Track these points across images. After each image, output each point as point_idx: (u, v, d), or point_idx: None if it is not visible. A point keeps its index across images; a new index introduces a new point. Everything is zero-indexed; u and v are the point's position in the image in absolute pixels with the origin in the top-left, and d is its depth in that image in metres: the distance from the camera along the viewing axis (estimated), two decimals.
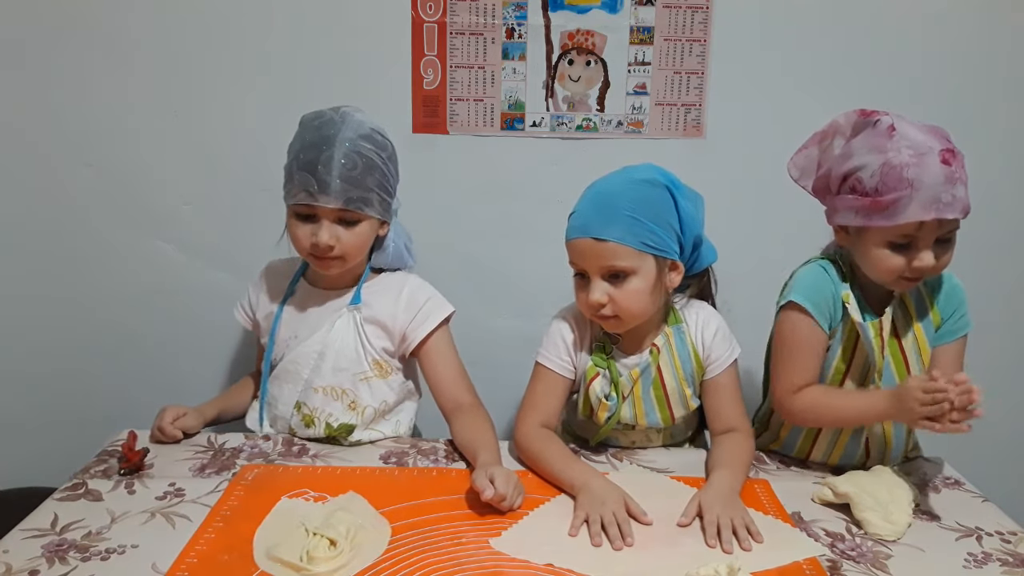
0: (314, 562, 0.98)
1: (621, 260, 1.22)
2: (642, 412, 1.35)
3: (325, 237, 1.30)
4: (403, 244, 1.48)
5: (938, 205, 1.14)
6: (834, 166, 1.26)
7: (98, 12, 1.73)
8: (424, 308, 1.42)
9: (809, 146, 1.33)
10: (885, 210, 1.17)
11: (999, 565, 1.06)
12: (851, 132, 1.25)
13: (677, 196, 1.24)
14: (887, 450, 1.35)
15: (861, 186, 1.19)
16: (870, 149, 1.18)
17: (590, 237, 1.22)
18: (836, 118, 1.28)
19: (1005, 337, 1.96)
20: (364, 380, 1.40)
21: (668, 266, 1.27)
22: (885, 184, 1.16)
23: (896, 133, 1.17)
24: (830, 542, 1.10)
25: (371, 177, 1.31)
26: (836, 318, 1.30)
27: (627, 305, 1.24)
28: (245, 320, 1.51)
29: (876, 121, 1.20)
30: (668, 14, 1.77)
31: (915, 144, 1.15)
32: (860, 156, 1.20)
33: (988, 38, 1.78)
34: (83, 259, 1.86)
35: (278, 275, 1.48)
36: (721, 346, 1.34)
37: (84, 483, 1.20)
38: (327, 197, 1.27)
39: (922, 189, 1.13)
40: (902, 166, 1.14)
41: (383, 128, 1.36)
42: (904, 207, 1.15)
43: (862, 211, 1.20)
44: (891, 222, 1.17)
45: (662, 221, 1.23)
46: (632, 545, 1.07)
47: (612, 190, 1.25)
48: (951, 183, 1.14)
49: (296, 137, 1.34)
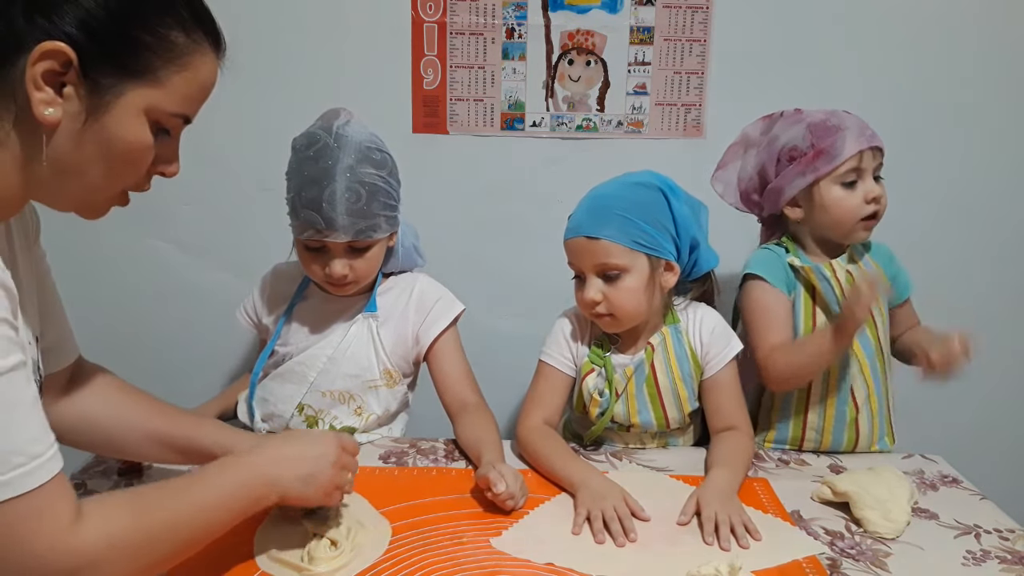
0: (315, 562, 0.98)
1: (613, 258, 1.25)
2: (635, 410, 1.35)
3: (339, 269, 1.29)
4: (411, 244, 1.48)
5: (868, 135, 1.34)
6: (764, 158, 1.43)
7: None
8: (434, 309, 1.42)
9: (728, 163, 1.52)
10: (826, 154, 1.34)
11: (997, 563, 1.06)
12: (761, 130, 1.45)
13: (671, 198, 1.28)
14: (873, 427, 1.41)
15: (798, 151, 1.37)
16: (789, 126, 1.39)
17: (583, 236, 1.26)
18: (744, 129, 1.49)
19: (1005, 337, 1.97)
20: (373, 388, 1.40)
21: (663, 266, 1.29)
22: (817, 137, 1.35)
23: (802, 111, 1.40)
24: (829, 540, 1.10)
25: (376, 203, 1.28)
26: (791, 281, 1.41)
27: (621, 303, 1.26)
28: (247, 324, 1.50)
29: (780, 113, 1.42)
30: (668, 14, 1.77)
31: (821, 110, 1.38)
32: (784, 135, 1.39)
33: (988, 38, 1.79)
34: (83, 259, 1.86)
35: (285, 279, 1.48)
36: (719, 344, 1.35)
37: (83, 484, 1.20)
38: (336, 233, 1.25)
39: (849, 127, 1.33)
40: (824, 119, 1.36)
41: (377, 137, 1.33)
42: (842, 145, 1.33)
43: (807, 167, 1.35)
44: (835, 162, 1.33)
45: (654, 221, 1.26)
46: (635, 541, 1.07)
47: (607, 192, 1.31)
48: (865, 124, 1.35)
49: (293, 169, 1.30)
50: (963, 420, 1.97)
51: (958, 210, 1.87)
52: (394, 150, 1.38)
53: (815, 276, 1.38)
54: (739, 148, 1.49)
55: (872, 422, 1.41)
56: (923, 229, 1.81)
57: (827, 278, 1.38)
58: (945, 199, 1.86)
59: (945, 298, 1.78)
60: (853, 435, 1.41)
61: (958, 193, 1.86)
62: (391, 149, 1.37)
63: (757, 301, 1.41)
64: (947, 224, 1.86)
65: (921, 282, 1.52)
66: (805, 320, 1.41)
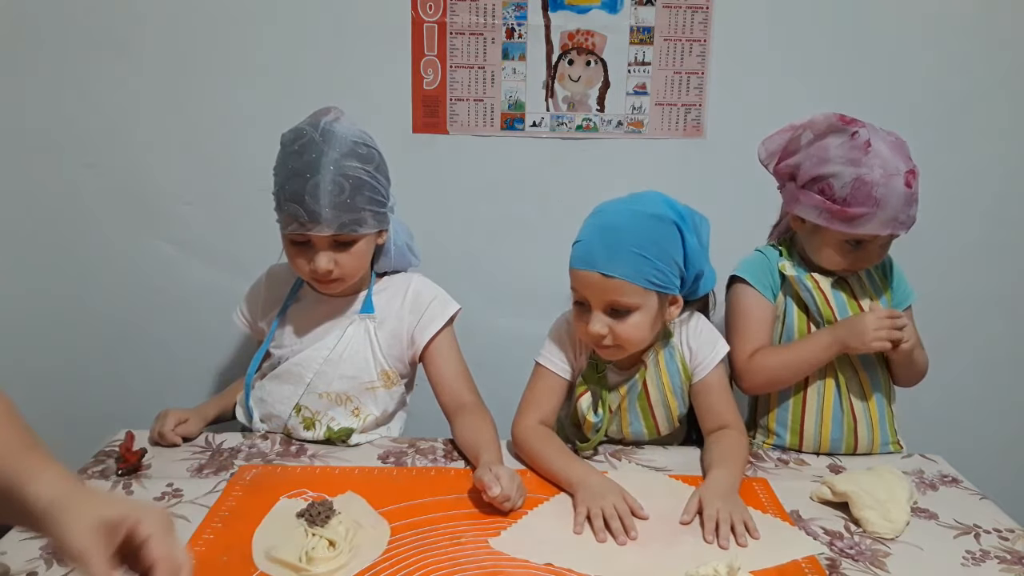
0: (313, 563, 0.98)
1: (626, 297, 1.22)
2: (626, 423, 1.37)
3: (323, 263, 1.29)
4: (404, 244, 1.47)
5: (895, 223, 1.29)
6: (805, 163, 1.34)
7: (99, 13, 1.73)
8: (429, 310, 1.42)
9: (783, 133, 1.43)
10: (848, 220, 1.29)
11: (997, 563, 1.06)
12: (825, 131, 1.33)
13: (685, 232, 1.24)
14: (874, 438, 1.40)
15: (831, 191, 1.30)
16: (846, 161, 1.28)
17: (597, 272, 1.21)
18: (815, 116, 1.36)
19: (1004, 336, 1.97)
20: (370, 389, 1.40)
21: (669, 300, 1.28)
22: (855, 197, 1.27)
23: (872, 150, 1.27)
24: (829, 540, 1.10)
25: (361, 197, 1.27)
26: (776, 286, 1.41)
27: (627, 337, 1.25)
28: (244, 325, 1.50)
29: (854, 132, 1.29)
30: (668, 14, 1.77)
31: (886, 164, 1.26)
32: (835, 164, 1.29)
33: (988, 38, 1.78)
34: (83, 259, 1.87)
35: (280, 281, 1.48)
36: (706, 348, 1.35)
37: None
38: (319, 226, 1.25)
39: (886, 209, 1.26)
40: (873, 184, 1.26)
41: (367, 134, 1.33)
42: (866, 221, 1.28)
43: (826, 214, 1.31)
44: (851, 231, 1.30)
45: (668, 259, 1.23)
46: (636, 538, 1.07)
47: (620, 224, 1.23)
48: (909, 204, 1.28)
49: (279, 162, 1.30)
50: (963, 420, 1.97)
51: (958, 210, 1.87)
52: (394, 150, 1.39)
53: (798, 285, 1.39)
54: (799, 129, 1.38)
55: (872, 433, 1.40)
56: (922, 228, 1.81)
57: (809, 288, 1.38)
58: (945, 199, 1.85)
59: (944, 298, 1.79)
60: (852, 444, 1.40)
61: (958, 193, 1.85)
62: (391, 149, 1.37)
63: (738, 304, 1.42)
64: (947, 224, 1.85)
65: (921, 282, 1.51)
66: (799, 323, 1.41)
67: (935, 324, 1.53)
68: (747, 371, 1.38)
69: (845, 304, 1.39)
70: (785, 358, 1.38)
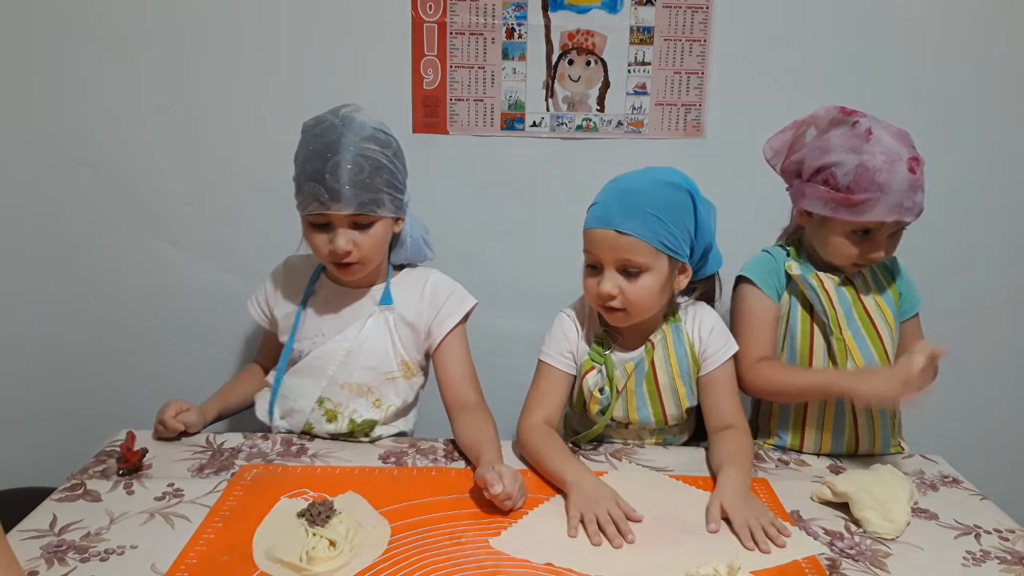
0: (314, 562, 0.98)
1: (638, 255, 1.24)
2: (633, 407, 1.36)
3: (342, 243, 1.30)
4: (420, 237, 1.49)
5: (900, 209, 1.28)
6: (809, 156, 1.35)
7: (99, 12, 1.73)
8: (446, 304, 1.44)
9: (786, 131, 1.43)
10: (853, 207, 1.29)
11: (997, 563, 1.06)
12: (827, 125, 1.34)
13: (697, 202, 1.28)
14: (875, 434, 1.40)
15: (834, 180, 1.30)
16: (847, 149, 1.29)
17: (612, 229, 1.24)
18: (816, 110, 1.37)
19: (1004, 336, 1.97)
20: (391, 380, 1.41)
21: (679, 268, 1.29)
22: (858, 184, 1.27)
23: (873, 137, 1.28)
24: (829, 541, 1.10)
25: (379, 178, 1.30)
26: (782, 286, 1.42)
27: (636, 300, 1.26)
28: (260, 316, 1.50)
29: (855, 122, 1.31)
30: (668, 14, 1.77)
31: (888, 150, 1.27)
32: (837, 153, 1.30)
33: (986, 38, 1.78)
34: (83, 259, 1.87)
35: (297, 272, 1.48)
36: (717, 341, 1.36)
37: (83, 484, 1.20)
38: (339, 204, 1.27)
39: (890, 194, 1.26)
40: (875, 170, 1.26)
41: (385, 125, 1.36)
42: (871, 207, 1.28)
43: (831, 203, 1.31)
44: (856, 218, 1.30)
45: (681, 224, 1.26)
46: (633, 542, 1.07)
47: (638, 187, 1.27)
48: (913, 190, 1.27)
49: (300, 147, 1.33)
50: (963, 420, 1.97)
51: (958, 209, 1.87)
52: None
53: (803, 284, 1.39)
54: (803, 126, 1.40)
55: (874, 436, 1.40)
56: (922, 228, 1.81)
57: (814, 287, 1.38)
58: (946, 200, 1.85)
59: (945, 299, 1.78)
60: (853, 447, 1.40)
61: (958, 192, 1.85)
62: None
63: (742, 304, 1.43)
64: (948, 223, 1.85)
65: (922, 283, 1.51)
66: (802, 324, 1.40)
67: (935, 325, 1.53)
68: (750, 375, 1.38)
69: (850, 304, 1.39)
70: (791, 379, 1.37)
